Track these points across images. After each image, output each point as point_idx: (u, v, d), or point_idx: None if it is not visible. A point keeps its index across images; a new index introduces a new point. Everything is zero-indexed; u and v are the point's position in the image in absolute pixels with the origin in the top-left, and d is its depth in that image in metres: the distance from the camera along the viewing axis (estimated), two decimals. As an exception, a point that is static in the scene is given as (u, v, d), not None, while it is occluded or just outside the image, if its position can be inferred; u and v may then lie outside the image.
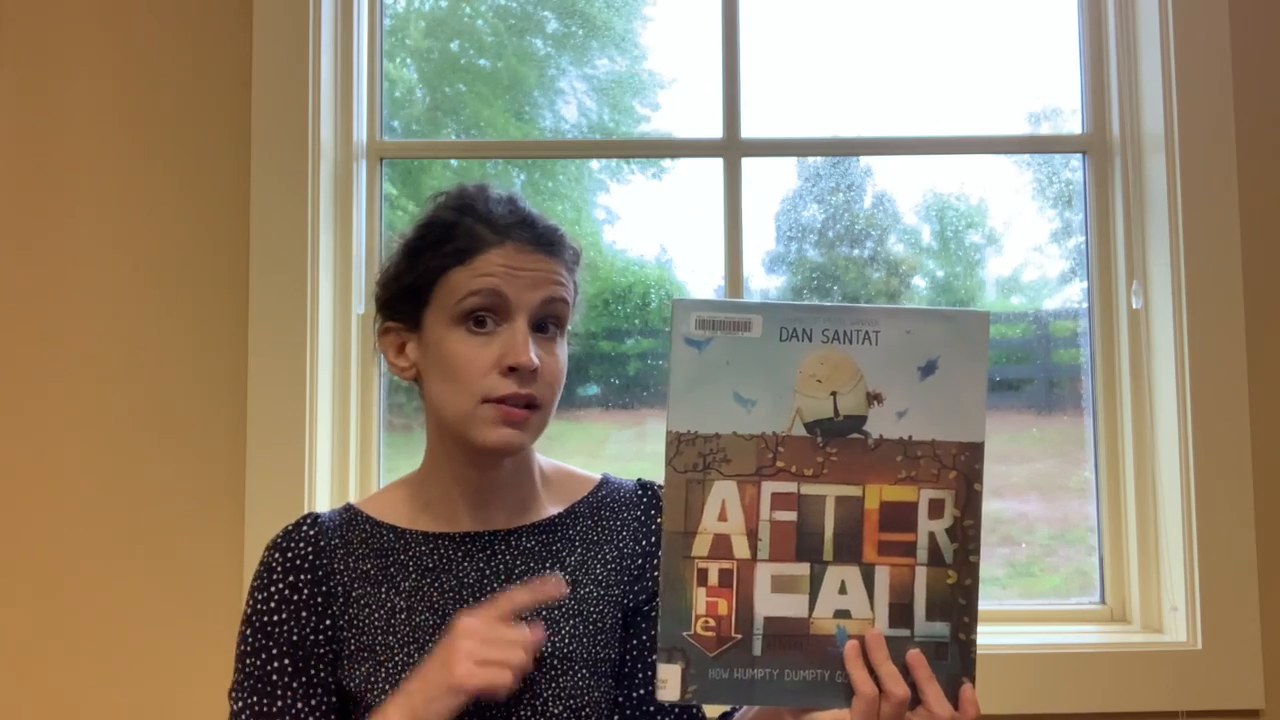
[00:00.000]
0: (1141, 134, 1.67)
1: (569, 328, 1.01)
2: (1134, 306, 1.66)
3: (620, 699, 0.97)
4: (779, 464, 0.80)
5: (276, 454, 1.53)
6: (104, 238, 1.58)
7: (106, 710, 1.53)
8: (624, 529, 1.02)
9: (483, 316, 0.92)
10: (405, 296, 0.96)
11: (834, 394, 0.80)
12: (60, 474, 1.55)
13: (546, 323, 0.95)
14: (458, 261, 0.93)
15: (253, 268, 1.56)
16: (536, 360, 0.91)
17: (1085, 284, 1.74)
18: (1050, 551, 1.74)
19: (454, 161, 1.82)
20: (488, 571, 0.97)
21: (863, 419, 0.80)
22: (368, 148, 1.70)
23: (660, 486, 1.04)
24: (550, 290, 0.94)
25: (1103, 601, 1.69)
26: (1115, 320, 1.69)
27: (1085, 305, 1.74)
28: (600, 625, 0.97)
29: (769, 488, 0.79)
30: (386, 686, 0.92)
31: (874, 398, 0.80)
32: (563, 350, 0.97)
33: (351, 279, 1.65)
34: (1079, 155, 1.75)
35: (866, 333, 0.80)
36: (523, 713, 0.91)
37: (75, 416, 1.56)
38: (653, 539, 1.01)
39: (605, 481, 1.06)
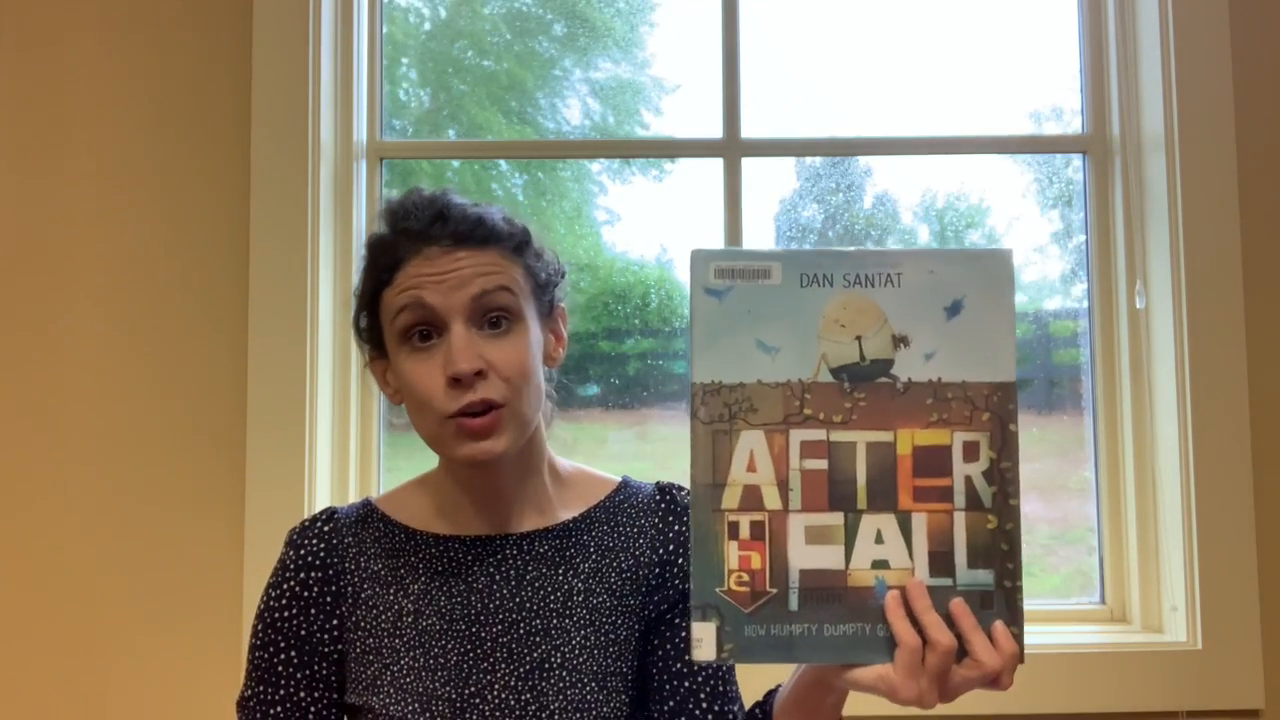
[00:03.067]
0: (1141, 134, 1.67)
1: (558, 302, 0.98)
2: (1137, 307, 1.66)
3: (648, 714, 0.95)
4: (806, 411, 0.76)
5: (276, 453, 1.53)
6: (103, 237, 1.58)
7: (107, 708, 1.53)
8: (641, 536, 0.98)
9: (425, 331, 0.89)
10: (365, 326, 0.96)
11: (859, 338, 0.77)
12: (61, 474, 1.55)
13: (495, 317, 0.90)
14: (386, 281, 0.91)
15: (253, 267, 1.56)
16: (473, 364, 0.87)
17: (1086, 284, 1.74)
18: (1050, 551, 1.74)
19: (455, 162, 1.82)
20: (498, 577, 0.95)
21: (890, 362, 0.77)
22: (368, 148, 1.70)
23: (680, 489, 1.02)
24: (479, 284, 0.89)
25: (1103, 601, 1.69)
26: (1115, 320, 1.69)
27: (1085, 305, 1.74)
28: (613, 637, 0.94)
29: (797, 436, 0.76)
30: (392, 690, 0.91)
31: (900, 340, 0.77)
32: (521, 340, 0.91)
33: (351, 279, 1.65)
34: (1079, 155, 1.75)
35: (889, 275, 0.77)
36: None
37: (76, 417, 1.56)
38: (670, 546, 0.98)
39: (625, 485, 1.03)
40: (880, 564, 0.77)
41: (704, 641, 0.75)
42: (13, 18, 1.60)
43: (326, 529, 0.98)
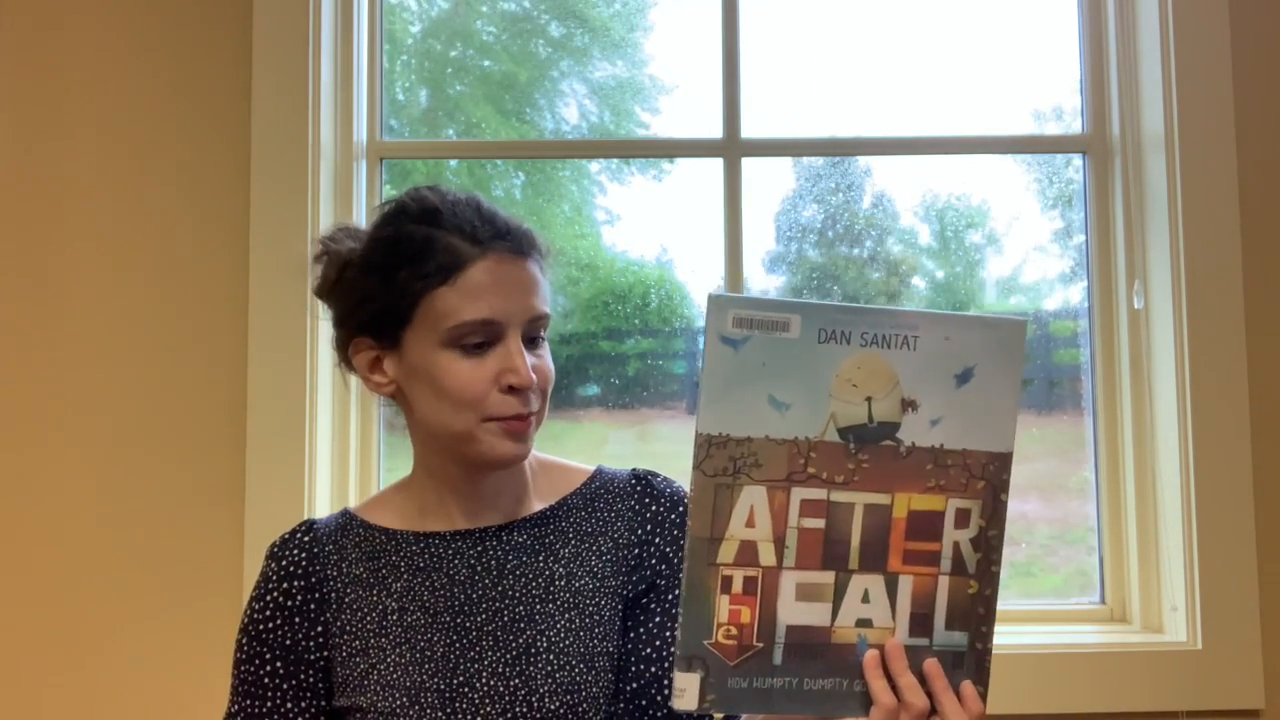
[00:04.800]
0: (1141, 134, 1.67)
1: None
2: (1135, 307, 1.66)
3: (616, 691, 0.97)
4: (810, 470, 0.77)
5: (276, 454, 1.53)
6: (104, 238, 1.58)
7: (106, 710, 1.53)
8: (618, 519, 1.01)
9: (476, 337, 0.91)
10: (381, 317, 0.94)
11: (869, 399, 0.77)
12: (61, 475, 1.55)
13: (535, 332, 0.95)
14: (441, 280, 0.90)
15: (253, 268, 1.56)
16: (535, 378, 0.91)
17: (1085, 284, 1.74)
18: (1050, 551, 1.74)
19: (453, 162, 1.82)
20: (479, 568, 0.97)
21: (896, 426, 0.78)
22: (368, 148, 1.70)
23: (655, 474, 1.04)
24: (537, 306, 0.93)
25: (1103, 601, 1.69)
26: (1115, 320, 1.69)
27: (1085, 305, 1.74)
28: (597, 618, 0.96)
29: (799, 494, 0.77)
30: (379, 688, 0.92)
31: (908, 404, 0.78)
32: (548, 352, 0.97)
33: (351, 279, 1.65)
34: (1079, 155, 1.75)
35: (905, 338, 0.77)
36: (519, 709, 0.91)
37: (76, 417, 1.56)
38: (648, 527, 1.00)
39: (599, 473, 1.05)
40: (864, 623, 0.78)
41: (687, 692, 0.77)
42: (11, 17, 1.60)
43: (306, 539, 0.99)
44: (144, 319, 1.57)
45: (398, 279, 0.92)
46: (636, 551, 0.99)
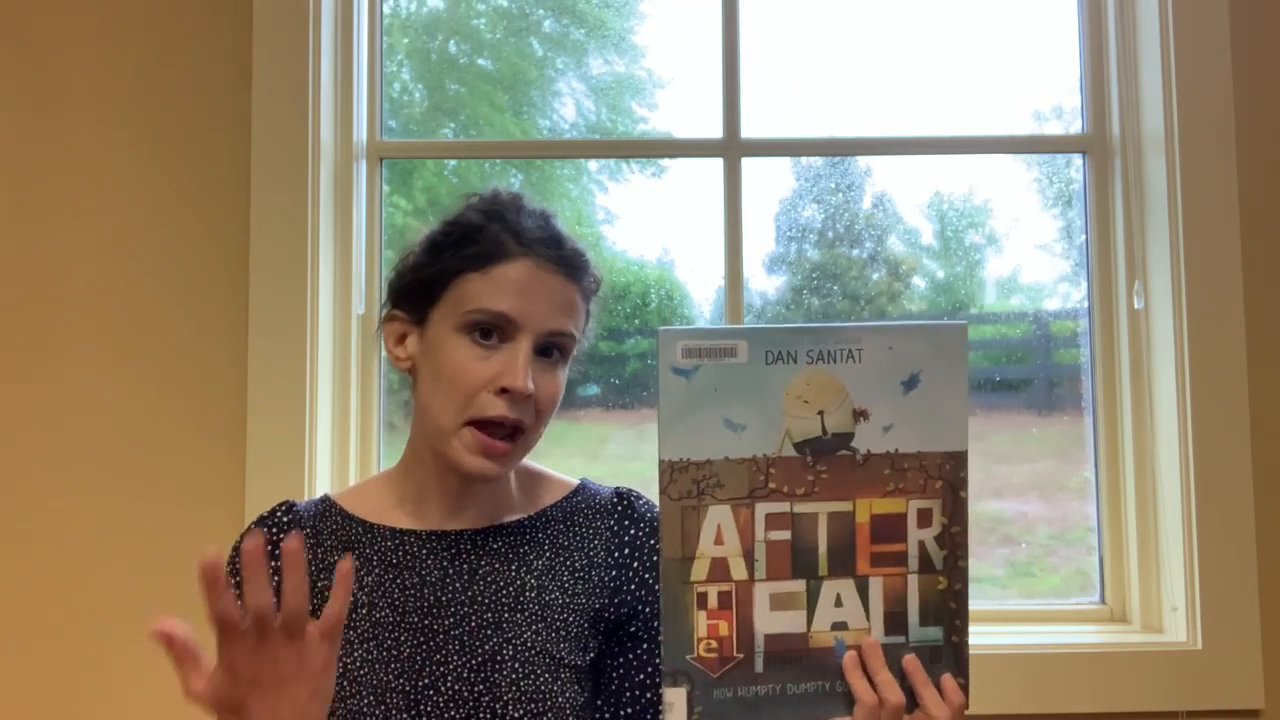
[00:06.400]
0: (1141, 134, 1.67)
1: (575, 353, 1.00)
2: (1136, 307, 1.66)
3: (606, 714, 0.97)
4: (771, 485, 0.80)
5: (276, 453, 1.53)
6: (104, 237, 1.58)
7: (104, 709, 1.53)
8: (596, 538, 1.01)
9: (489, 330, 0.92)
10: (417, 290, 0.97)
11: (821, 413, 0.81)
12: (61, 473, 1.55)
13: (550, 348, 0.95)
14: (475, 267, 0.93)
15: (253, 268, 1.56)
16: (532, 386, 0.91)
17: (1085, 284, 1.74)
18: (1050, 551, 1.74)
19: (452, 161, 1.82)
20: (451, 571, 0.97)
21: (850, 436, 0.81)
22: (368, 148, 1.70)
23: (638, 496, 1.04)
24: (560, 322, 0.94)
25: (1103, 601, 1.69)
26: (1115, 320, 1.69)
27: (1085, 305, 1.74)
28: (564, 632, 0.96)
29: (763, 509, 0.80)
30: (344, 682, 0.92)
31: (860, 414, 0.81)
32: (562, 375, 0.97)
33: (351, 279, 1.65)
34: (1079, 155, 1.75)
35: (850, 351, 0.81)
36: (483, 715, 0.91)
37: (75, 416, 1.56)
38: (626, 550, 1.00)
39: (582, 487, 1.05)
40: (839, 626, 0.82)
41: (675, 705, 0.80)
42: (11, 16, 1.60)
43: (285, 519, 0.99)
44: (144, 317, 1.57)
45: (441, 257, 0.95)
46: (614, 574, 0.99)
